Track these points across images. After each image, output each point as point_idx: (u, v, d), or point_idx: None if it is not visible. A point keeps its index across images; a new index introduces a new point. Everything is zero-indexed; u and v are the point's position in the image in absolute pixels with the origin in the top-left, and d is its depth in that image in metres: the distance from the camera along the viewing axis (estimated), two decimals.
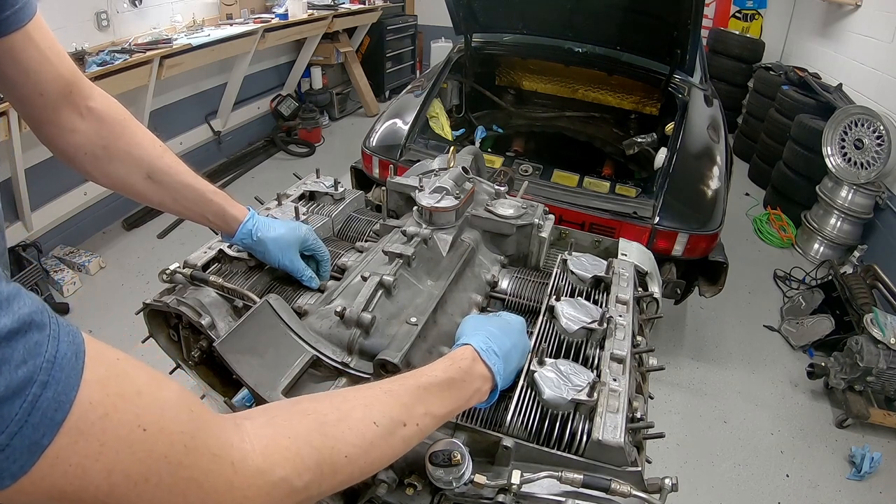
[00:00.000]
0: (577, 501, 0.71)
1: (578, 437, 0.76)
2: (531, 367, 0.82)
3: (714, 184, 2.53)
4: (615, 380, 0.81)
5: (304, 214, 1.20)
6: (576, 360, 0.86)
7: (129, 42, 3.36)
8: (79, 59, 2.92)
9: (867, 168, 3.49)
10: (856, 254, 3.50)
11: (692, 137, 2.74)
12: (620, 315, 0.95)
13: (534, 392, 0.80)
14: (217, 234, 1.07)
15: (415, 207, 1.12)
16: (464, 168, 1.20)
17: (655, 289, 1.15)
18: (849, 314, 2.90)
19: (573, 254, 1.10)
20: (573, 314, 0.92)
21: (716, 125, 2.94)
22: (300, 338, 0.85)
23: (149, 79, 3.31)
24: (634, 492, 0.69)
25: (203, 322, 0.92)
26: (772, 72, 5.03)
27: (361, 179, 2.91)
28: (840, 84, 4.17)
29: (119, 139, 0.87)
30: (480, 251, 1.14)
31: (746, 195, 4.70)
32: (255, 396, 0.81)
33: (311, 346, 0.85)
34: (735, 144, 5.32)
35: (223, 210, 0.98)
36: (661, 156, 2.72)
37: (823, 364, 2.65)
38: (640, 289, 1.12)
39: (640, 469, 0.74)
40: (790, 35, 5.61)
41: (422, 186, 1.12)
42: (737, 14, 5.97)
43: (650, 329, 1.13)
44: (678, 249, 2.37)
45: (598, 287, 1.06)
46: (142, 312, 1.02)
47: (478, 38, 3.59)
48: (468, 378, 0.71)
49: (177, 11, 3.90)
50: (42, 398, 0.33)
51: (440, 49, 6.11)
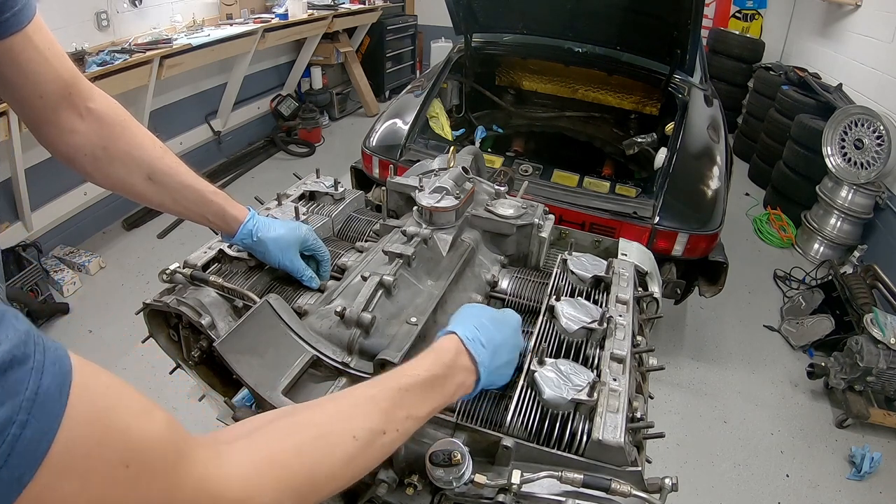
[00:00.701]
0: (578, 501, 0.71)
1: (578, 437, 0.76)
2: (531, 367, 0.82)
3: (714, 184, 2.53)
4: (615, 380, 0.81)
5: (304, 214, 1.20)
6: (576, 360, 0.86)
7: (129, 42, 3.36)
8: (79, 59, 2.92)
9: (867, 168, 3.49)
10: (856, 254, 3.50)
11: (692, 137, 2.74)
12: (620, 315, 0.94)
13: (534, 392, 0.80)
14: (217, 234, 1.07)
15: (415, 207, 1.12)
16: (464, 168, 1.20)
17: (655, 289, 1.15)
18: (849, 314, 2.90)
19: (573, 254, 1.10)
20: (573, 314, 0.92)
21: (716, 125, 2.94)
22: (300, 338, 0.86)
23: (149, 79, 3.31)
24: (634, 492, 0.69)
25: (203, 322, 0.92)
26: (772, 72, 5.03)
27: (361, 179, 2.91)
28: (840, 84, 4.17)
29: (119, 140, 0.87)
30: (480, 251, 1.14)
31: (746, 195, 4.70)
32: (255, 396, 0.81)
33: (311, 346, 0.86)
34: (735, 144, 5.32)
35: (223, 210, 0.98)
36: (661, 156, 2.72)
37: (823, 364, 2.65)
38: (640, 289, 1.12)
39: (640, 469, 0.74)
40: (790, 35, 5.61)
41: (422, 186, 1.12)
42: (737, 14, 5.97)
43: (650, 329, 1.13)
44: (678, 249, 2.37)
45: (598, 287, 1.06)
46: (142, 312, 1.02)
47: (478, 38, 3.59)
48: (451, 373, 0.69)
49: (177, 11, 3.90)
50: (22, 438, 0.32)
51: (440, 49, 6.10)
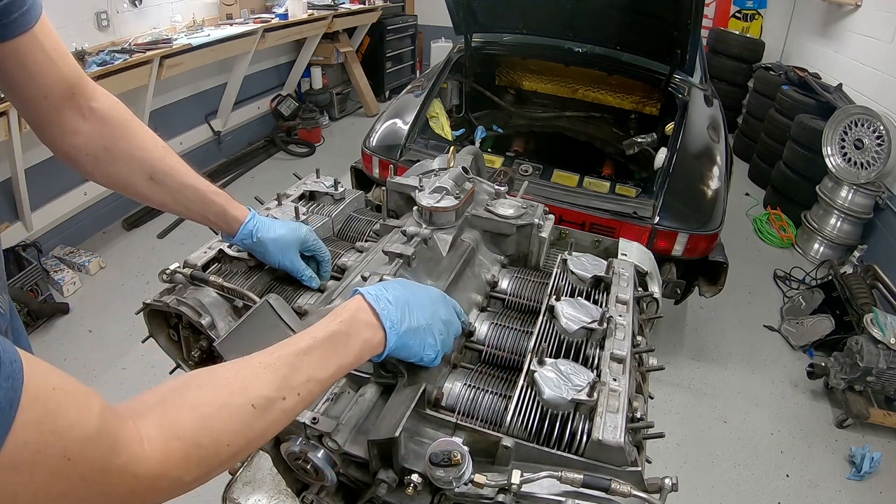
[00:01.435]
0: (577, 501, 0.71)
1: (578, 437, 0.76)
2: (531, 367, 0.82)
3: (714, 184, 2.53)
4: (615, 380, 0.81)
5: (304, 214, 1.20)
6: (576, 360, 0.86)
7: (129, 42, 3.37)
8: (79, 59, 2.90)
9: (867, 168, 3.49)
10: (856, 254, 3.50)
11: (692, 137, 2.74)
12: (620, 315, 0.94)
13: (534, 392, 0.80)
14: (217, 234, 1.07)
15: (415, 207, 1.12)
16: (464, 168, 1.20)
17: (655, 289, 1.15)
18: (849, 314, 2.90)
19: (573, 254, 1.10)
20: (573, 314, 0.92)
21: (716, 125, 2.94)
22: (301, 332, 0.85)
23: (149, 79, 3.31)
24: (634, 492, 0.69)
25: (203, 322, 0.92)
26: (772, 72, 5.03)
27: (361, 179, 2.91)
28: (840, 84, 4.17)
29: (121, 140, 0.87)
30: (480, 251, 1.14)
31: (746, 195, 4.70)
32: None
33: None
34: (735, 144, 5.32)
35: (224, 210, 0.98)
36: (661, 156, 2.72)
37: (823, 364, 2.65)
38: (640, 289, 1.12)
39: (640, 469, 0.74)
40: (790, 35, 5.60)
41: (422, 186, 1.12)
42: (737, 14, 5.97)
43: (650, 329, 1.13)
44: (678, 249, 2.37)
45: (598, 287, 1.06)
46: (142, 312, 1.02)
47: (478, 38, 3.59)
48: (353, 329, 0.68)
49: (177, 11, 3.90)
50: None
51: (440, 49, 6.10)
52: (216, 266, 1.09)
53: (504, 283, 1.10)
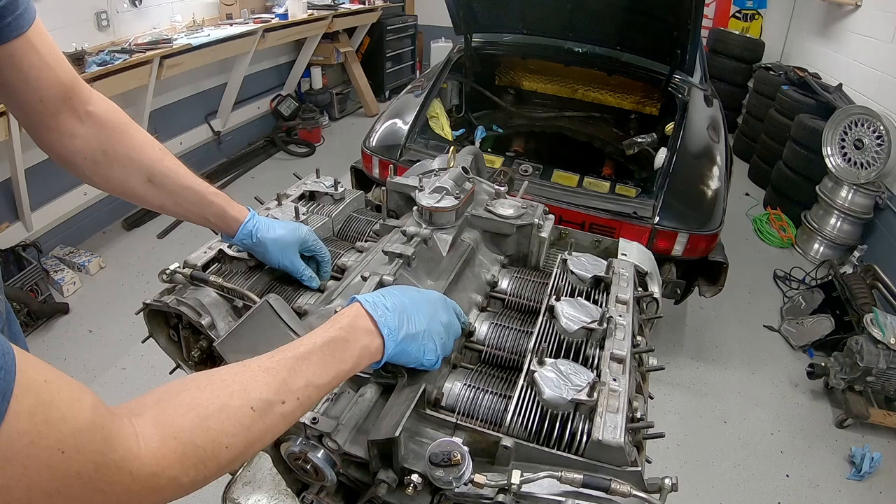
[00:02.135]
0: (577, 501, 0.71)
1: (578, 437, 0.76)
2: (531, 367, 0.82)
3: (714, 184, 2.53)
4: (615, 380, 0.81)
5: (304, 214, 1.20)
6: (576, 360, 0.86)
7: (129, 42, 3.37)
8: (79, 59, 2.92)
9: (867, 168, 3.49)
10: (856, 254, 3.50)
11: (692, 137, 2.74)
12: (620, 315, 0.94)
13: (534, 392, 0.80)
14: (217, 234, 1.07)
15: (415, 207, 1.12)
16: (464, 168, 1.20)
17: (655, 289, 1.15)
18: (849, 314, 2.90)
19: (573, 254, 1.10)
20: (573, 314, 0.92)
21: (716, 125, 2.93)
22: (300, 337, 0.85)
23: (149, 79, 3.31)
24: (634, 492, 0.69)
25: (203, 322, 0.92)
26: (772, 72, 5.03)
27: (361, 179, 2.91)
28: (840, 84, 4.17)
29: (119, 143, 0.87)
30: (480, 251, 1.14)
31: (746, 195, 4.70)
32: None
33: None
34: (735, 144, 5.32)
35: (223, 211, 0.98)
36: (661, 156, 2.72)
37: (823, 364, 2.65)
38: (640, 289, 1.12)
39: (640, 469, 0.74)
40: (790, 35, 5.60)
41: (422, 186, 1.12)
42: (737, 14, 5.97)
43: (650, 329, 1.13)
44: (678, 249, 2.37)
45: (598, 287, 1.06)
46: (142, 312, 1.02)
47: (478, 38, 3.59)
48: (351, 336, 0.68)
49: (177, 11, 3.90)
50: None
51: (440, 49, 6.11)
52: (216, 266, 1.09)
53: (504, 283, 1.10)
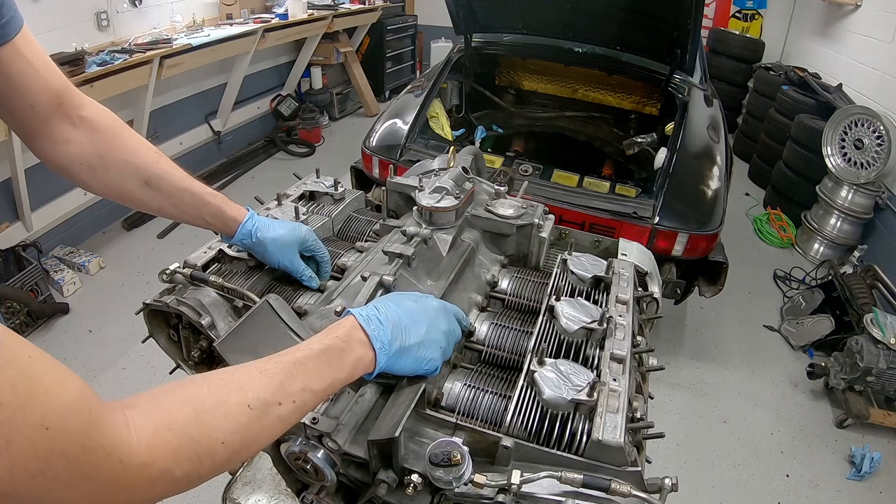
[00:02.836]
0: (577, 501, 0.71)
1: (578, 437, 0.76)
2: (531, 367, 0.82)
3: (714, 184, 2.53)
4: (615, 380, 0.81)
5: (304, 214, 1.20)
6: (576, 360, 0.86)
7: (129, 42, 3.37)
8: (79, 60, 2.91)
9: (867, 168, 3.49)
10: (856, 254, 3.50)
11: (692, 137, 2.74)
12: (620, 315, 0.94)
13: (534, 392, 0.80)
14: (217, 235, 1.07)
15: (415, 207, 1.12)
16: (464, 168, 1.20)
17: (655, 289, 1.15)
18: (849, 314, 2.90)
19: (573, 254, 1.10)
20: (573, 314, 0.92)
21: (716, 125, 2.93)
22: (300, 338, 0.85)
23: (149, 79, 3.31)
24: (634, 492, 0.69)
25: (203, 322, 0.92)
26: (772, 72, 5.03)
27: (361, 179, 2.91)
28: (840, 84, 4.17)
29: (114, 147, 0.87)
30: (480, 251, 1.14)
31: (746, 195, 4.70)
32: None
33: None
34: (735, 144, 5.32)
35: (221, 212, 0.98)
36: (661, 156, 2.72)
37: (823, 364, 2.65)
38: (640, 289, 1.12)
39: (640, 469, 0.74)
40: (790, 35, 5.61)
41: (422, 186, 1.12)
42: (737, 14, 5.97)
43: (650, 329, 1.13)
44: (678, 249, 2.37)
45: (598, 287, 1.06)
46: (142, 312, 1.02)
47: (478, 38, 3.59)
48: (347, 346, 0.69)
49: (177, 11, 3.90)
50: None
51: (440, 49, 6.11)
52: (216, 266, 1.08)
53: (504, 283, 1.10)
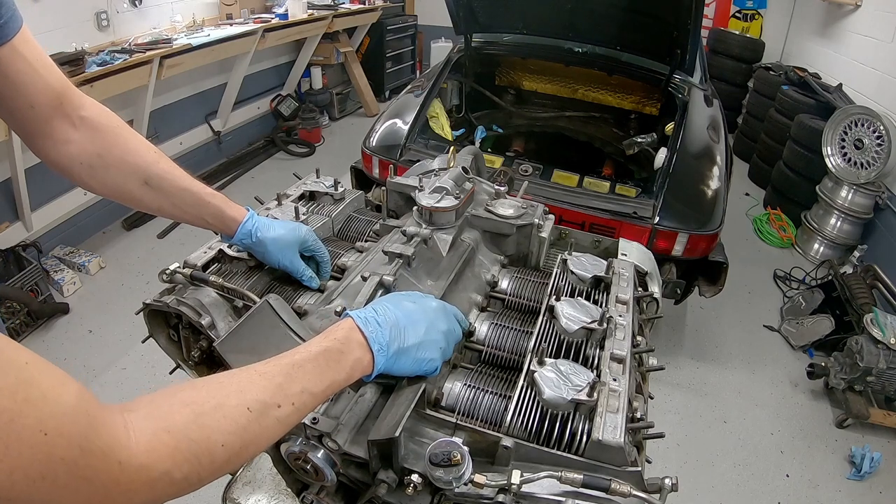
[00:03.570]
0: (577, 501, 0.71)
1: (578, 437, 0.76)
2: (531, 367, 0.82)
3: (714, 184, 2.53)
4: (615, 380, 0.81)
5: (304, 214, 1.20)
6: (576, 360, 0.86)
7: (129, 42, 3.37)
8: (79, 60, 2.91)
9: (867, 168, 3.49)
10: (856, 254, 3.50)
11: (692, 137, 2.74)
12: (620, 315, 0.94)
13: (534, 392, 0.80)
14: (217, 235, 1.07)
15: (415, 207, 1.12)
16: (464, 168, 1.20)
17: (655, 289, 1.15)
18: (849, 314, 2.90)
19: (573, 254, 1.10)
20: (573, 314, 0.92)
21: (716, 125, 2.93)
22: (300, 338, 0.85)
23: (149, 79, 3.31)
24: (634, 492, 0.69)
25: (203, 322, 0.92)
26: (772, 72, 5.03)
27: (361, 179, 2.91)
28: (840, 84, 4.17)
29: (114, 147, 0.87)
30: (480, 251, 1.14)
31: (746, 195, 4.70)
32: None
33: None
34: (735, 144, 5.32)
35: (221, 212, 0.98)
36: (661, 156, 2.72)
37: (823, 364, 2.65)
38: (640, 289, 1.12)
39: (640, 469, 0.74)
40: (790, 35, 5.61)
41: (422, 186, 1.12)
42: (737, 14, 5.97)
43: (650, 329, 1.13)
44: (678, 249, 2.37)
45: (598, 287, 1.06)
46: (142, 312, 1.02)
47: (478, 38, 3.59)
48: (345, 348, 0.69)
49: (177, 11, 3.90)
50: None
51: (440, 49, 6.11)
52: (216, 266, 1.08)
53: (504, 283, 1.10)
